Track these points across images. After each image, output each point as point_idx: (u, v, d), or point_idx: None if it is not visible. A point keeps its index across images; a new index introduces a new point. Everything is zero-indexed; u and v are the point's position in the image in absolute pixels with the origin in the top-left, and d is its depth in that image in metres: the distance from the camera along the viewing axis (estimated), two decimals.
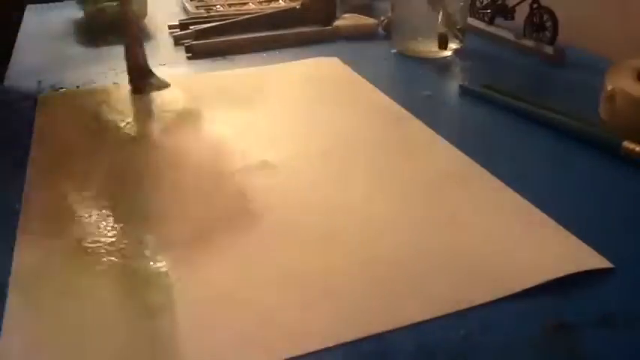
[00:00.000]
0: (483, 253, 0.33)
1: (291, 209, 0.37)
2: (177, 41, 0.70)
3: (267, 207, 0.37)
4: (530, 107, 0.49)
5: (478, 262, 0.32)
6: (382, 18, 0.73)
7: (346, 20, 0.74)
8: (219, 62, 0.64)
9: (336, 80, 0.58)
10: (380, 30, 0.73)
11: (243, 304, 0.29)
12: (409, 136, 0.46)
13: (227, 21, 0.73)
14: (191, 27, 0.72)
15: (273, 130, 0.48)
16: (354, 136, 0.46)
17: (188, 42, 0.67)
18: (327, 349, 0.26)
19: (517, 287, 0.30)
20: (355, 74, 0.59)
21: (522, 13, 0.66)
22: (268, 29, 0.71)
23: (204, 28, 0.71)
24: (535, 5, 0.63)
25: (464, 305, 0.29)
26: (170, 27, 0.75)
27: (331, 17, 0.75)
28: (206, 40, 0.64)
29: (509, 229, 0.35)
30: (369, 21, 0.74)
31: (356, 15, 0.75)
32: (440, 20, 0.62)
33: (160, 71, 0.58)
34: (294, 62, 0.63)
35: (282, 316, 0.28)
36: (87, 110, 0.51)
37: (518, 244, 0.33)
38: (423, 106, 0.51)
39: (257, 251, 0.33)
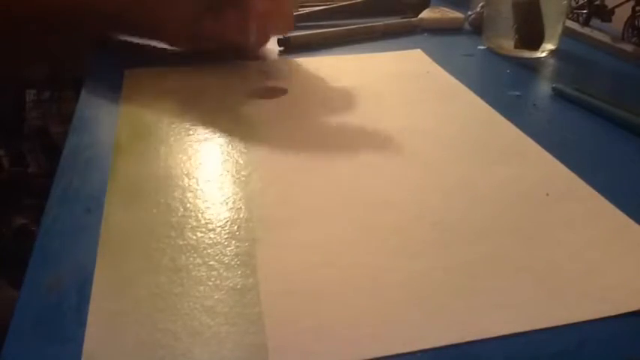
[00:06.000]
0: (578, 270, 0.31)
1: (375, 208, 0.36)
2: None
3: (347, 205, 0.36)
4: (631, 116, 0.46)
5: (572, 279, 0.30)
6: (469, 13, 0.71)
7: (431, 13, 0.72)
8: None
9: (421, 74, 0.56)
10: (467, 25, 0.71)
11: (328, 300, 0.28)
12: (501, 138, 0.44)
13: (320, 7, 0.72)
14: None
15: (354, 125, 0.47)
16: (443, 135, 0.45)
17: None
18: (411, 354, 0.25)
19: (613, 310, 0.28)
20: (440, 68, 0.57)
21: (621, 15, 0.62)
22: (357, 17, 0.70)
23: (300, 14, 0.70)
24: (638, 8, 0.60)
25: (556, 322, 0.27)
26: None
27: (426, 6, 0.74)
28: (300, 33, 0.63)
29: (608, 246, 0.33)
30: (456, 15, 0.72)
31: (442, 8, 0.73)
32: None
33: None
34: (378, 54, 0.61)
35: (366, 315, 0.28)
36: (172, 88, 0.52)
37: (616, 263, 0.31)
38: (512, 106, 0.49)
39: (342, 249, 0.32)
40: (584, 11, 0.67)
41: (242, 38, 0.54)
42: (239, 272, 0.30)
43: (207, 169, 0.39)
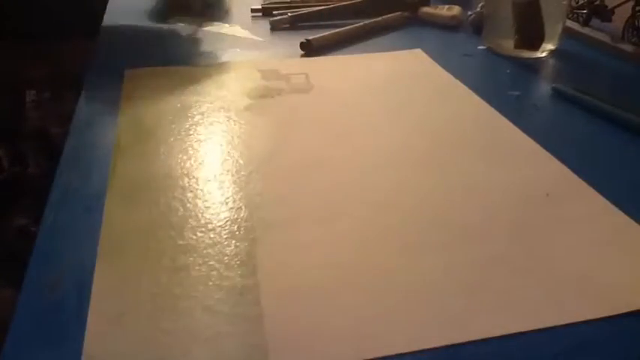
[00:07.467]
0: (578, 270, 0.31)
1: (376, 209, 0.36)
2: (275, 27, 0.70)
3: (347, 205, 0.36)
4: (629, 116, 0.46)
5: (572, 279, 0.30)
6: (470, 13, 0.71)
7: (431, 10, 0.72)
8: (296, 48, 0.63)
9: (422, 74, 0.56)
10: (467, 25, 0.71)
11: (328, 300, 0.28)
12: (501, 138, 0.44)
13: (320, 7, 0.72)
14: (274, 12, 0.72)
15: (355, 125, 0.47)
16: (443, 135, 0.45)
17: (284, 24, 0.68)
18: (411, 354, 0.25)
19: (613, 310, 0.28)
20: (440, 68, 0.57)
21: (621, 15, 0.62)
22: (357, 17, 0.70)
23: (300, 14, 0.70)
24: (638, 8, 0.60)
25: (556, 322, 0.27)
26: (253, 10, 0.75)
27: (426, 4, 0.74)
28: (319, 35, 0.63)
29: (607, 245, 0.33)
30: (454, 13, 0.72)
31: (446, 5, 0.73)
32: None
33: (235, 54, 0.58)
34: (378, 54, 0.61)
35: (366, 315, 0.28)
36: (172, 88, 0.52)
37: (616, 263, 0.31)
38: (512, 106, 0.49)
39: (342, 249, 0.32)
40: (584, 11, 0.67)
41: None
42: (239, 272, 0.30)
43: (207, 169, 0.39)
